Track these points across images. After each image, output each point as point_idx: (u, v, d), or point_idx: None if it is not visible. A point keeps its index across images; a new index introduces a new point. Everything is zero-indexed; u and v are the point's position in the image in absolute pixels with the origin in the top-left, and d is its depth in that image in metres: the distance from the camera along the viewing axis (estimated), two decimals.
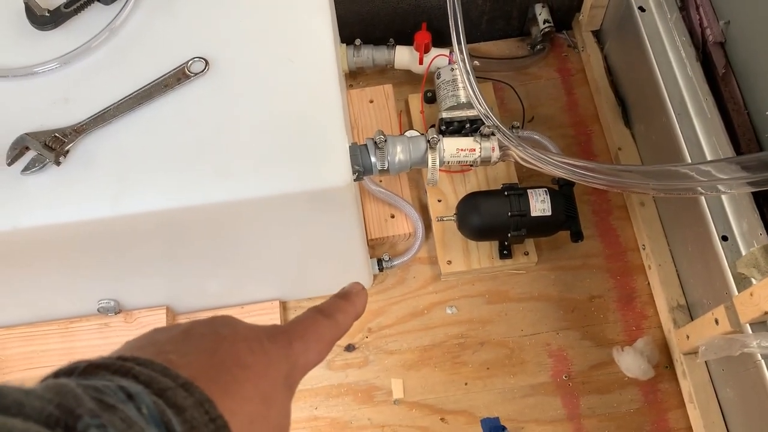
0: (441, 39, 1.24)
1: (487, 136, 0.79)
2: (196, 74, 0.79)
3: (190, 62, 0.80)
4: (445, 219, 1.07)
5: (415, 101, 1.24)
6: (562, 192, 1.05)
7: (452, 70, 1.16)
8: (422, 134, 0.79)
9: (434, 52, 1.20)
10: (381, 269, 1.09)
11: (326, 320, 0.32)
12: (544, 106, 1.25)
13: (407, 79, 1.27)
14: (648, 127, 1.10)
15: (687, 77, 0.93)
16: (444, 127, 1.11)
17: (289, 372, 0.30)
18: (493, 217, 1.02)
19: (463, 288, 1.11)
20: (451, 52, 1.21)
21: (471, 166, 0.82)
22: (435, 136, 0.77)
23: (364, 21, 1.23)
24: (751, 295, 0.77)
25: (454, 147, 0.78)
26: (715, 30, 0.92)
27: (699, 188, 0.69)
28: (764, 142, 0.88)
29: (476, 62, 1.24)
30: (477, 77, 0.91)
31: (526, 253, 1.10)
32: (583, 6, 1.22)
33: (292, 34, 0.81)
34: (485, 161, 0.79)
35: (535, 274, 1.11)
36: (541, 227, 1.03)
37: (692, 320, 1.03)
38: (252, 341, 0.29)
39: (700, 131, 0.91)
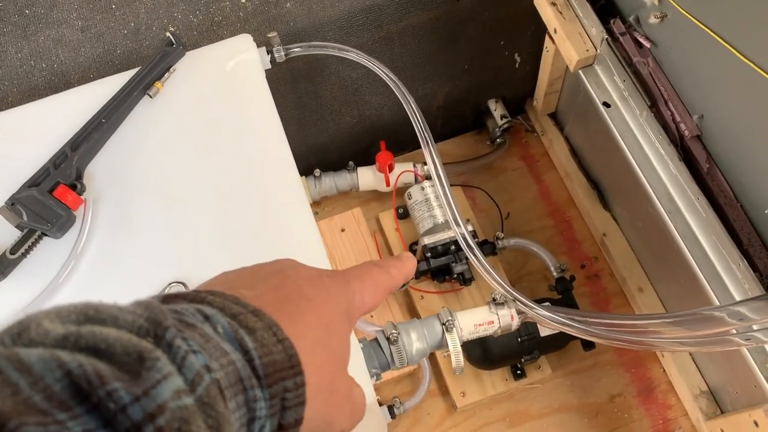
0: (399, 147, 1.20)
1: (501, 304, 0.74)
2: None
3: (167, 289, 0.72)
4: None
5: (387, 219, 1.19)
6: (564, 301, 1.01)
7: (422, 189, 1.11)
8: (434, 315, 0.74)
9: (398, 168, 1.16)
10: (393, 416, 1.03)
11: (380, 269, 0.36)
12: (516, 200, 1.21)
13: (373, 195, 1.22)
14: (631, 213, 1.08)
15: (671, 175, 0.91)
16: (429, 254, 1.06)
17: (348, 307, 0.33)
18: (502, 347, 0.98)
19: (482, 415, 1.06)
20: (414, 165, 1.16)
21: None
22: (449, 317, 0.72)
23: (319, 151, 1.17)
24: None
25: (470, 324, 0.73)
26: (690, 125, 0.90)
27: (736, 338, 0.66)
28: None
29: None
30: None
31: (539, 367, 1.05)
32: (536, 93, 1.20)
33: (277, 234, 0.74)
34: (506, 330, 0.75)
35: (550, 383, 1.07)
36: (552, 344, 1.00)
37: (718, 404, 1.01)
38: (314, 278, 0.32)
39: (696, 230, 0.88)
